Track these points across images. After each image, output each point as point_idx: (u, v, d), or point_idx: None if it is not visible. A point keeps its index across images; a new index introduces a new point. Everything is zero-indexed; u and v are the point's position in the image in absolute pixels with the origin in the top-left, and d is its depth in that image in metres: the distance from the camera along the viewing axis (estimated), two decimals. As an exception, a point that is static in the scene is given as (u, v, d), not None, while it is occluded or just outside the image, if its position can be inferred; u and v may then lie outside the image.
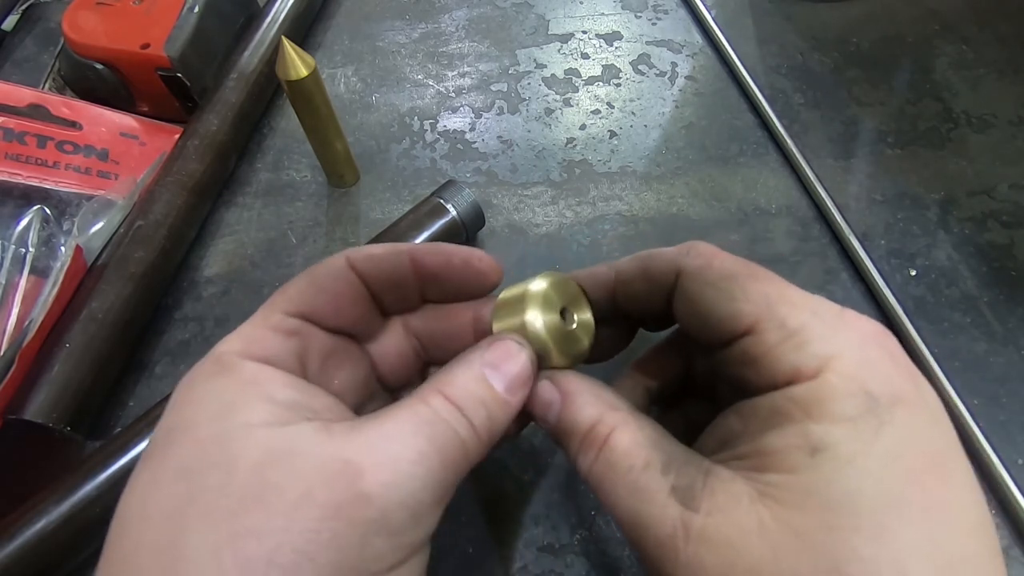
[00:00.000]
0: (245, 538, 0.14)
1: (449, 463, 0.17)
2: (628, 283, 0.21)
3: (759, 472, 0.16)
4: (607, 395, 0.20)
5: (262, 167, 0.37)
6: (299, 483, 0.15)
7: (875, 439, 0.15)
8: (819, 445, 0.15)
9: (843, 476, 0.15)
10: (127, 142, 0.35)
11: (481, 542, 0.26)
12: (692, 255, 0.19)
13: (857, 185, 0.36)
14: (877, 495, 0.15)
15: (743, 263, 0.19)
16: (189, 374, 0.18)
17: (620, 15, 0.44)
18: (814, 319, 0.17)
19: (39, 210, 0.33)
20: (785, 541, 0.15)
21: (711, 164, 0.37)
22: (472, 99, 0.40)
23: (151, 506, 0.15)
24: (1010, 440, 0.28)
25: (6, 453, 0.28)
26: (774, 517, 0.15)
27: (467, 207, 0.31)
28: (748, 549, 0.15)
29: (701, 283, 0.19)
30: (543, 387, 0.20)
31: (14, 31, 0.43)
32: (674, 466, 0.18)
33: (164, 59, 0.35)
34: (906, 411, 0.16)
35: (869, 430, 0.15)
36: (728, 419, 0.19)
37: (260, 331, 0.19)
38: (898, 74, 0.41)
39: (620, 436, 0.18)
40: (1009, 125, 0.38)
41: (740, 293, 0.18)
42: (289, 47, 0.28)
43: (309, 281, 0.20)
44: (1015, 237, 0.34)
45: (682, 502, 0.17)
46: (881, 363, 0.17)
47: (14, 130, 0.34)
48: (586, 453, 0.19)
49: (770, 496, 0.16)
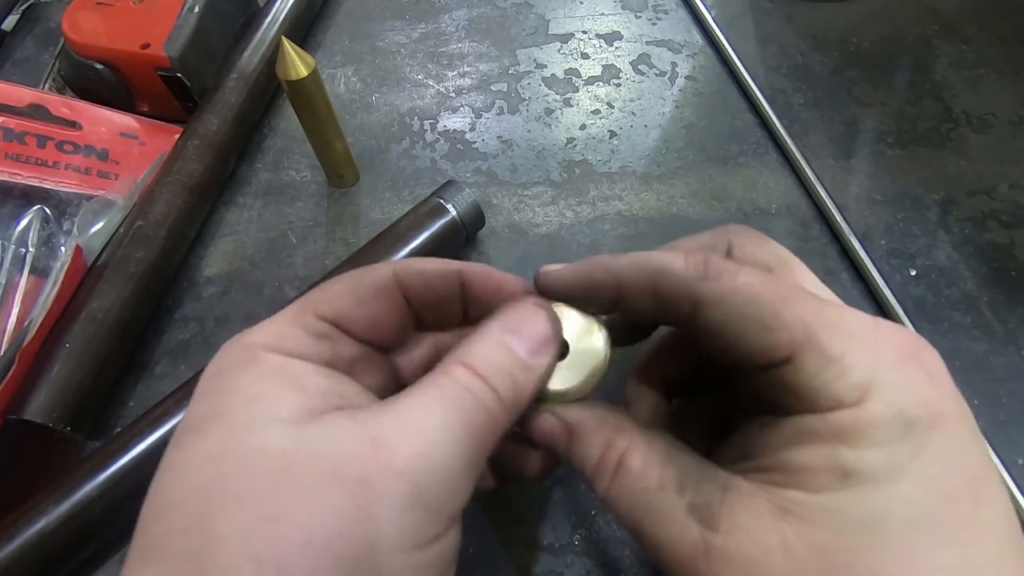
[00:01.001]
0: (275, 521, 0.14)
1: (476, 432, 0.16)
2: (634, 299, 0.19)
3: (781, 488, 0.16)
4: (612, 418, 0.20)
5: (262, 167, 0.37)
6: (327, 463, 0.15)
7: (910, 463, 0.15)
8: (851, 470, 0.15)
9: (873, 498, 0.15)
10: (127, 142, 0.35)
11: (481, 542, 0.26)
12: (711, 278, 0.17)
13: (857, 185, 0.36)
14: (908, 517, 0.14)
15: (771, 283, 0.17)
16: (216, 362, 0.18)
17: (620, 15, 0.44)
18: (852, 344, 0.16)
19: (39, 210, 0.33)
20: (809, 559, 0.15)
21: (711, 164, 0.37)
22: (472, 99, 0.40)
23: (182, 491, 0.15)
24: (1010, 440, 0.28)
25: (6, 453, 0.28)
26: (797, 535, 0.15)
27: (467, 207, 0.31)
28: (771, 568, 0.15)
29: (727, 312, 0.17)
30: (547, 421, 0.20)
31: (14, 31, 0.43)
32: (690, 483, 0.17)
33: (164, 59, 0.35)
34: (943, 433, 0.15)
35: (906, 455, 0.15)
36: (752, 429, 0.18)
37: (291, 329, 0.18)
38: (898, 74, 0.41)
39: (631, 459, 0.18)
40: (1009, 125, 0.38)
41: (774, 321, 0.16)
42: (289, 47, 0.28)
43: (351, 289, 0.19)
44: (1015, 237, 0.34)
45: (700, 521, 0.16)
46: (919, 384, 0.16)
47: (14, 130, 0.34)
48: (601, 479, 0.19)
49: (792, 513, 0.15)
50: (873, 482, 0.15)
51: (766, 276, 0.18)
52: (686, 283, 0.18)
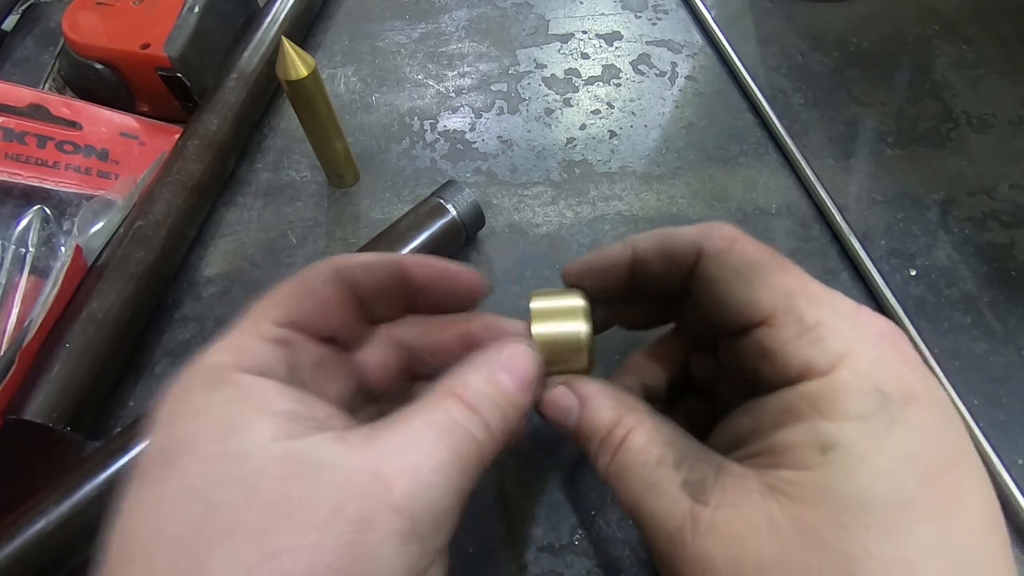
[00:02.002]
0: (278, 556, 0.14)
1: (468, 468, 0.17)
2: (646, 261, 0.21)
3: (771, 469, 0.16)
4: (626, 398, 0.20)
5: (262, 167, 0.37)
6: (328, 497, 0.15)
7: (887, 437, 0.15)
8: (830, 443, 0.15)
9: (854, 474, 0.15)
10: (127, 142, 0.35)
11: (481, 542, 0.26)
12: (715, 237, 0.19)
13: (857, 185, 0.36)
14: (889, 493, 0.15)
15: (767, 251, 0.19)
16: (177, 387, 0.17)
17: (620, 15, 0.44)
18: (831, 315, 0.17)
19: (39, 210, 0.33)
20: (795, 536, 0.15)
21: (711, 164, 0.37)
22: (472, 99, 0.40)
23: (164, 528, 0.14)
24: (1010, 440, 0.28)
25: (6, 453, 0.27)
26: (784, 512, 0.15)
27: (467, 207, 0.31)
28: (757, 543, 0.15)
29: (722, 267, 0.19)
30: (561, 394, 0.21)
31: (14, 31, 0.43)
32: (687, 462, 0.18)
33: (164, 59, 0.35)
34: (919, 410, 0.16)
35: (881, 428, 0.15)
36: (738, 418, 0.19)
37: (251, 341, 0.18)
38: (898, 74, 0.41)
39: (636, 436, 0.19)
40: (1009, 125, 0.38)
41: (760, 282, 0.18)
42: (289, 47, 0.28)
43: (297, 286, 0.20)
44: (1015, 237, 0.34)
45: (692, 496, 0.17)
46: (894, 361, 0.17)
47: (14, 130, 0.34)
48: (604, 454, 0.19)
49: (781, 492, 0.16)
50: (853, 457, 0.15)
51: (765, 247, 0.19)
52: (692, 239, 0.20)
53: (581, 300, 0.22)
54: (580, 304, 0.22)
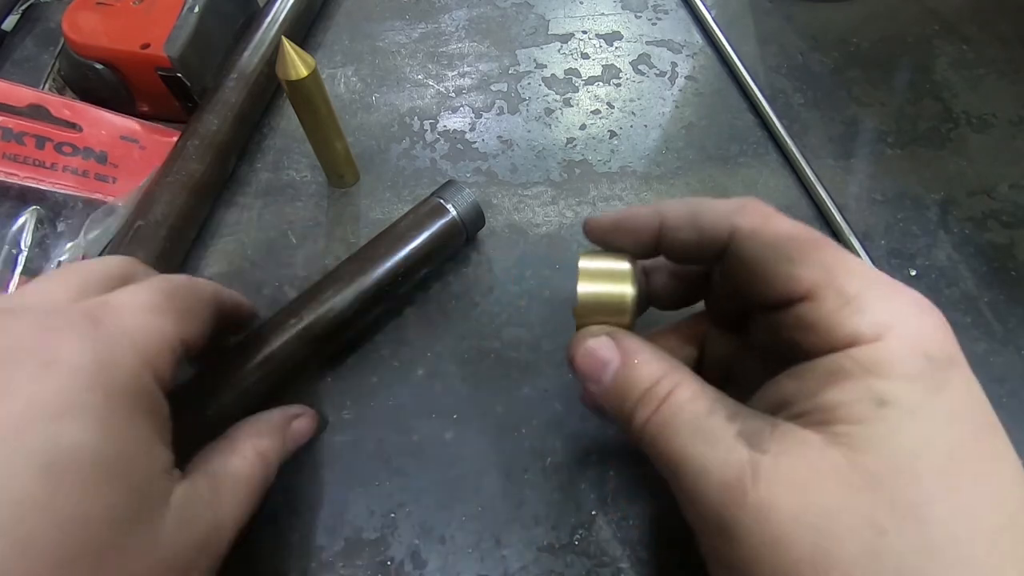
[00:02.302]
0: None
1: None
2: (676, 229, 0.21)
3: (825, 424, 0.16)
4: (669, 357, 0.20)
5: (262, 167, 0.37)
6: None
7: (937, 397, 0.16)
8: (885, 398, 0.16)
9: (912, 427, 0.16)
10: (127, 145, 0.35)
11: (481, 541, 0.26)
12: (748, 213, 0.19)
13: (857, 185, 0.36)
14: (946, 446, 0.16)
15: (801, 227, 0.19)
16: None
17: (620, 15, 0.44)
18: (870, 287, 0.17)
19: (34, 211, 0.33)
20: (861, 483, 0.15)
21: (711, 164, 0.37)
22: (472, 99, 0.40)
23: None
24: (1010, 440, 0.28)
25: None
26: (848, 460, 0.16)
27: (467, 207, 0.31)
28: (823, 490, 0.15)
29: (759, 245, 0.19)
30: (602, 344, 0.20)
31: (14, 31, 0.43)
32: (740, 417, 0.18)
33: (164, 59, 0.35)
34: (959, 374, 0.17)
35: (931, 388, 0.16)
36: (780, 383, 0.18)
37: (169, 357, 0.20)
38: (898, 74, 0.41)
39: (683, 390, 0.18)
40: (1009, 125, 0.38)
41: (799, 258, 0.18)
42: (289, 47, 0.28)
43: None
44: (1015, 237, 0.34)
45: (750, 444, 0.17)
46: (934, 330, 0.17)
47: (13, 130, 0.33)
48: (644, 408, 0.19)
49: (841, 443, 0.16)
50: (908, 412, 0.16)
51: (798, 223, 0.19)
52: (725, 214, 0.19)
53: (629, 264, 0.22)
54: (627, 268, 0.22)
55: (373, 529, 0.26)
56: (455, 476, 0.27)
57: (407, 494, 0.27)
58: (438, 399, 0.29)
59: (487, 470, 0.27)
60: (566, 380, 0.29)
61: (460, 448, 0.28)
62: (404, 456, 0.28)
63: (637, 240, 0.22)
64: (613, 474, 0.27)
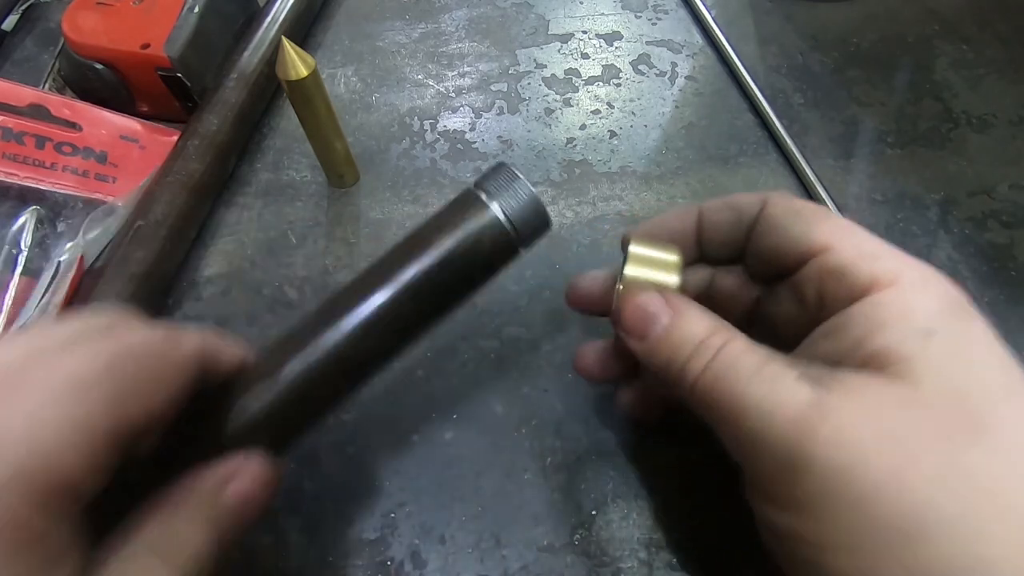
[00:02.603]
0: None
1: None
2: (715, 211, 0.23)
3: (880, 369, 0.17)
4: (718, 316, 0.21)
5: (262, 167, 0.37)
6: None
7: (971, 323, 0.18)
8: (931, 328, 0.17)
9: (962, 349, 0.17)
10: (127, 145, 0.35)
11: (480, 541, 0.26)
12: (775, 196, 0.22)
13: (857, 185, 0.36)
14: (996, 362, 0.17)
15: (818, 208, 0.22)
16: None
17: (620, 15, 0.44)
18: (880, 244, 0.20)
19: (34, 211, 0.33)
20: (929, 404, 0.16)
21: (711, 164, 0.37)
22: (472, 99, 0.40)
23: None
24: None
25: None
26: (913, 388, 0.16)
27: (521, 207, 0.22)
28: (893, 416, 0.16)
29: (784, 211, 0.21)
30: (652, 300, 0.21)
31: (14, 31, 0.43)
32: (797, 364, 0.18)
33: (164, 59, 0.35)
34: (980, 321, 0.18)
35: (964, 316, 0.18)
36: (815, 343, 0.19)
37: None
38: (898, 74, 0.41)
39: (737, 343, 0.19)
40: (1009, 125, 0.38)
41: (817, 222, 0.20)
42: (289, 47, 0.28)
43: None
44: (1015, 237, 0.34)
45: (812, 384, 0.17)
46: (944, 282, 0.19)
47: (13, 130, 0.33)
48: (698, 360, 0.19)
49: (902, 376, 0.17)
50: (954, 336, 0.17)
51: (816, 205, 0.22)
52: (757, 198, 0.23)
53: (677, 255, 0.23)
54: (675, 259, 0.22)
55: (373, 529, 0.26)
56: (455, 476, 0.27)
57: (407, 494, 0.27)
58: (438, 399, 0.29)
59: (487, 470, 0.27)
60: (566, 380, 0.29)
61: (460, 448, 0.28)
62: (404, 456, 0.28)
63: (681, 228, 0.24)
64: (613, 474, 0.27)
